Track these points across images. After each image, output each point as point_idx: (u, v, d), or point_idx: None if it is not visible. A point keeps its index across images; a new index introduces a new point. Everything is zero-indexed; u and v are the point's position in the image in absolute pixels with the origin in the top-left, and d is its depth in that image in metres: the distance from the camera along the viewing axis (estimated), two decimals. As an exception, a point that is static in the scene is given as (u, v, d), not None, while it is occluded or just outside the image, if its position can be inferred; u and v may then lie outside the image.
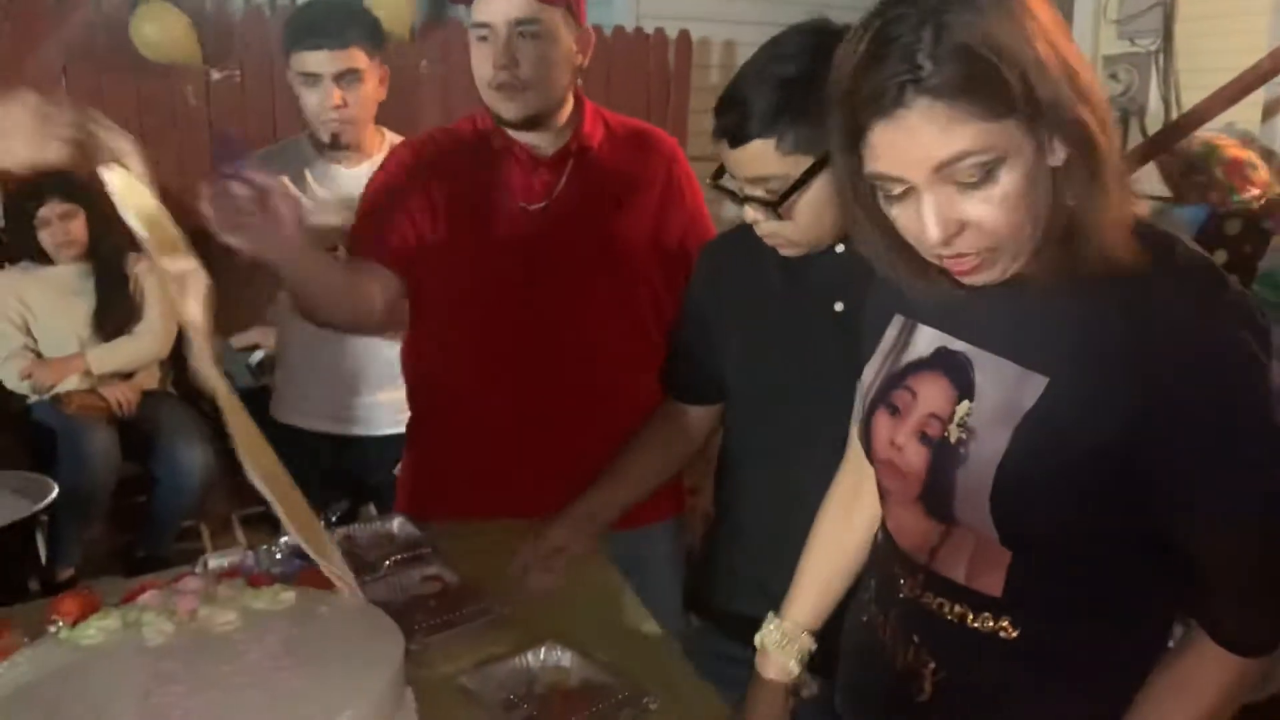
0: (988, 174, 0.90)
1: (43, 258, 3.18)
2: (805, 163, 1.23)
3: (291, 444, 2.11)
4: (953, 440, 1.02)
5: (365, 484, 2.21)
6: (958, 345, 1.06)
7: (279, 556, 1.66)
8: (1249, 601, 0.99)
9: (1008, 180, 0.90)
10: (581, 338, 1.71)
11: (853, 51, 0.93)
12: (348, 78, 2.03)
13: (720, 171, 1.31)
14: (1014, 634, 1.04)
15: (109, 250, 3.23)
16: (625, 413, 1.65)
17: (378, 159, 2.03)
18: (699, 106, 5.02)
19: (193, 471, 3.20)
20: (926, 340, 1.10)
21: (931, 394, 1.06)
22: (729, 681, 1.34)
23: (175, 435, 3.21)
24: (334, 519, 1.75)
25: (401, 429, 1.94)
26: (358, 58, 2.03)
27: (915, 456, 1.06)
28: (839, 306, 1.36)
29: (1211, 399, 0.93)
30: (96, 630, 1.23)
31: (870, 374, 1.15)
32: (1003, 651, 1.04)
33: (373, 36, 2.07)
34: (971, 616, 1.06)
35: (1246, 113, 4.48)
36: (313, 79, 2.02)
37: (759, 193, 1.27)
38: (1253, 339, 0.93)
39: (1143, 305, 0.94)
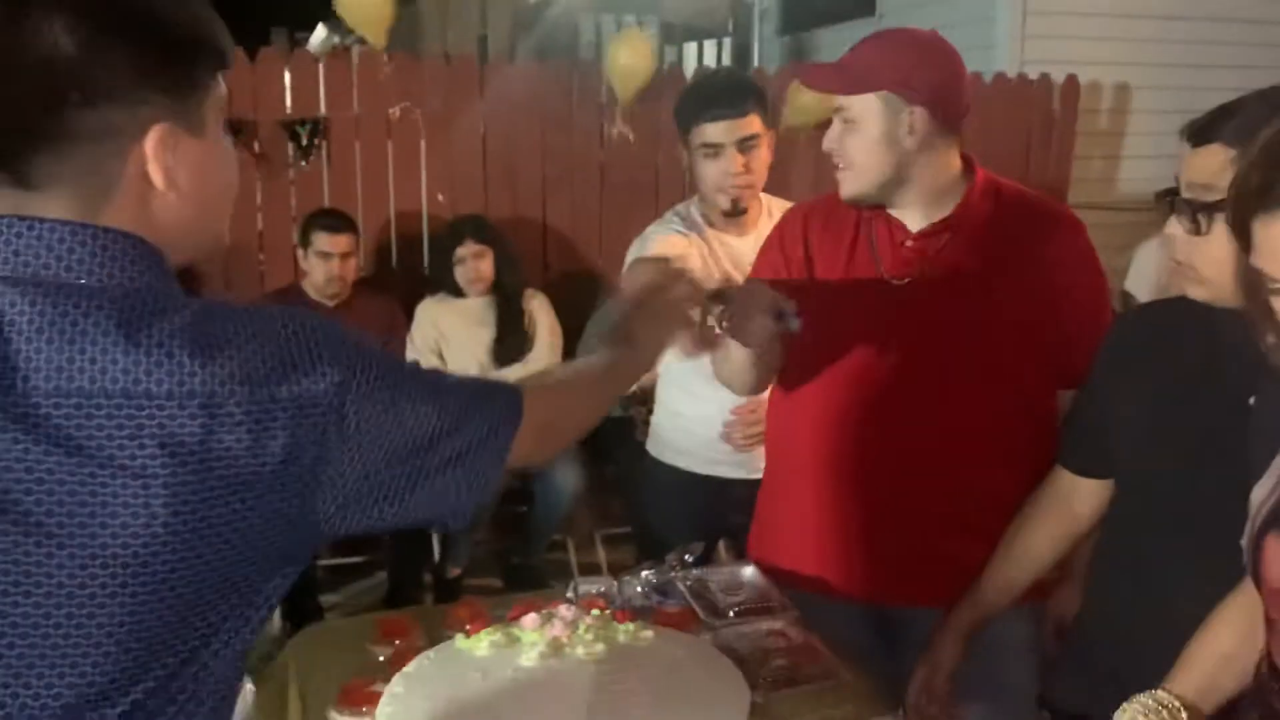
0: None
1: (456, 291, 3.61)
2: None
3: (667, 482, 2.38)
4: None
5: (728, 523, 2.23)
6: None
7: (639, 589, 1.80)
8: None
9: None
10: (931, 422, 1.66)
11: (1254, 145, 0.91)
12: (748, 143, 2.13)
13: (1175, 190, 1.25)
14: None
15: (510, 287, 3.61)
16: (973, 510, 1.63)
17: (765, 227, 2.11)
18: (1087, 153, 4.78)
19: (565, 489, 3.48)
20: None
21: None
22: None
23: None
24: (690, 559, 1.86)
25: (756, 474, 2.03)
26: (755, 124, 2.13)
27: None
28: (1253, 401, 1.25)
29: None
30: (488, 644, 1.41)
31: (1262, 494, 1.07)
32: None
33: (764, 104, 2.18)
34: None
35: None
36: (715, 149, 2.14)
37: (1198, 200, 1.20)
38: None
39: None
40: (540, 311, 3.64)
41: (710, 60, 7.14)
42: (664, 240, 2.16)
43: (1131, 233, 4.13)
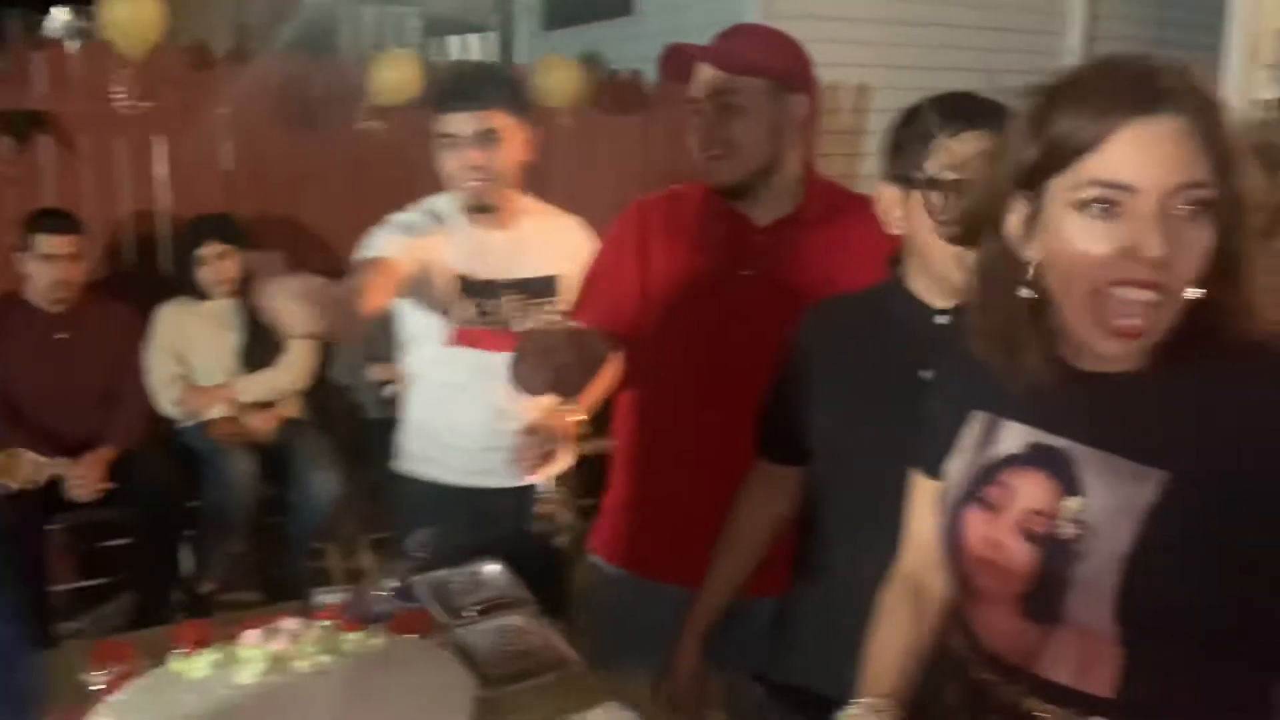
0: (1196, 216, 0.95)
1: (200, 294, 3.44)
2: None
3: (420, 497, 2.22)
4: (1065, 537, 1.02)
5: (493, 536, 2.05)
6: (1056, 441, 1.06)
7: (380, 595, 1.78)
8: None
9: (1207, 231, 0.95)
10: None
11: (1122, 55, 1.00)
12: (487, 137, 2.03)
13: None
14: None
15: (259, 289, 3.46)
16: None
17: (527, 225, 2.12)
18: (830, 151, 5.04)
19: (324, 496, 3.38)
20: (1015, 436, 1.09)
21: (1030, 490, 1.06)
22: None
23: (310, 462, 3.41)
24: (422, 555, 1.85)
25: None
26: (498, 118, 2.03)
27: (1018, 555, 1.05)
28: (926, 374, 1.34)
29: None
30: (203, 664, 1.36)
31: (954, 471, 1.15)
32: None
33: (514, 98, 2.09)
34: None
35: None
36: (452, 140, 2.04)
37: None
38: None
39: (1263, 394, 0.97)
40: (292, 314, 3.52)
41: (475, 55, 7.08)
42: (380, 245, 2.05)
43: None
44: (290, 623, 1.44)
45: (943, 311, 1.38)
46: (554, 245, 2.17)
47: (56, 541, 3.28)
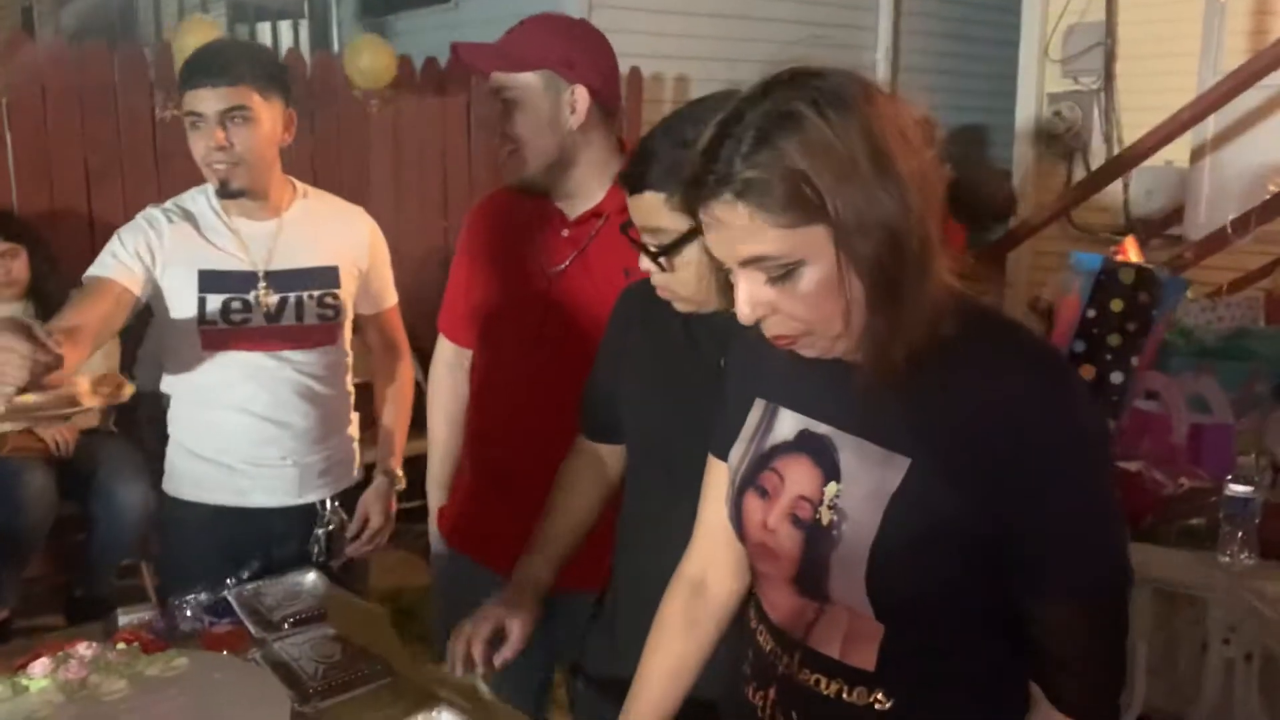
0: (789, 273, 0.96)
1: (-19, 297, 3.18)
2: (689, 223, 1.24)
3: (187, 521, 2.00)
4: (824, 522, 1.05)
5: (268, 559, 1.91)
6: (821, 428, 1.09)
7: (189, 614, 1.68)
8: (1087, 675, 1.04)
9: (809, 280, 0.96)
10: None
11: (704, 135, 0.98)
12: (234, 115, 1.83)
13: (629, 222, 1.35)
14: (887, 705, 1.08)
15: (51, 291, 3.21)
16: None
17: (298, 212, 1.98)
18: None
19: (131, 510, 3.18)
20: (789, 424, 1.13)
21: (798, 476, 1.09)
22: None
23: (114, 474, 3.20)
24: (245, 576, 1.76)
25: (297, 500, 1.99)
26: (246, 96, 1.83)
27: (787, 539, 1.09)
28: (723, 363, 1.35)
29: (1064, 483, 0.99)
30: (-15, 700, 1.24)
31: (735, 457, 1.18)
32: None
33: (270, 76, 1.89)
34: (847, 691, 1.09)
35: (1178, 151, 4.61)
36: (196, 119, 1.84)
37: (651, 244, 1.31)
38: (1098, 425, 0.99)
39: (995, 390, 0.99)
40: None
41: (287, 42, 6.80)
42: (108, 260, 1.85)
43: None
44: (84, 648, 1.34)
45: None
46: (329, 234, 2.01)
47: None
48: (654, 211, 1.28)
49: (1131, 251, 2.70)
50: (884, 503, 1.01)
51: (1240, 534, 2.04)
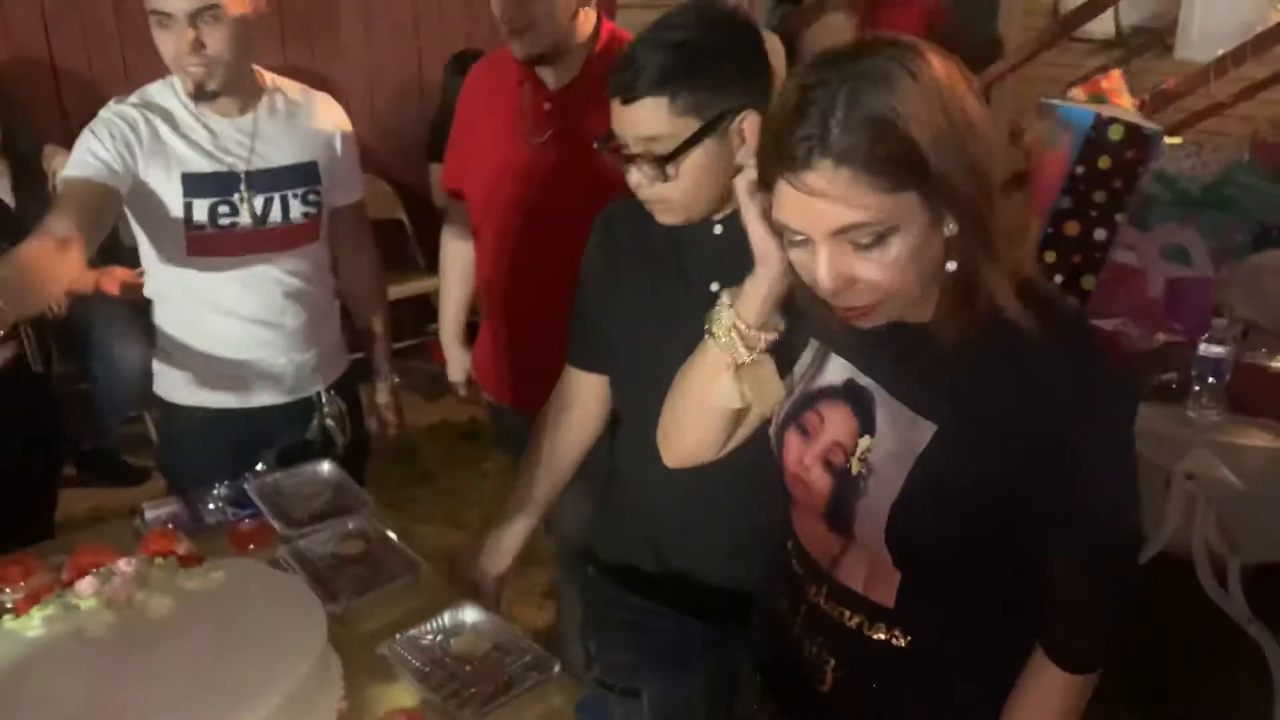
0: (880, 239, 0.95)
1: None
2: (694, 125, 1.27)
3: (187, 427, 2.02)
4: (854, 473, 1.11)
5: (270, 457, 1.94)
6: (865, 381, 1.13)
7: (212, 507, 1.76)
8: (1090, 624, 1.13)
9: (899, 247, 0.96)
10: (563, 269, 1.63)
11: (779, 105, 0.98)
12: (205, 14, 1.74)
13: (609, 135, 1.33)
14: (904, 642, 1.16)
15: (23, 145, 3.11)
16: None
17: (265, 108, 1.93)
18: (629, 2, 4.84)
19: (130, 369, 3.20)
20: (837, 370, 1.16)
21: (837, 422, 1.14)
22: (623, 626, 1.52)
23: (109, 333, 3.22)
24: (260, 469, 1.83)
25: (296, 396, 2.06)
26: None
27: (820, 480, 1.15)
28: (714, 287, 1.35)
29: (1091, 471, 1.04)
30: (40, 621, 1.33)
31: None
32: (894, 659, 1.17)
33: None
34: (868, 625, 1.17)
35: None
36: (164, 19, 1.75)
37: (650, 152, 1.29)
38: (1130, 419, 1.07)
39: (1028, 361, 1.02)
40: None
41: None
42: (82, 158, 1.79)
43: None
44: (124, 564, 1.42)
45: (717, 221, 1.39)
46: (303, 129, 1.96)
47: None
48: (654, 118, 1.27)
49: (1121, 94, 2.68)
50: (909, 465, 1.06)
51: (1211, 392, 2.14)
